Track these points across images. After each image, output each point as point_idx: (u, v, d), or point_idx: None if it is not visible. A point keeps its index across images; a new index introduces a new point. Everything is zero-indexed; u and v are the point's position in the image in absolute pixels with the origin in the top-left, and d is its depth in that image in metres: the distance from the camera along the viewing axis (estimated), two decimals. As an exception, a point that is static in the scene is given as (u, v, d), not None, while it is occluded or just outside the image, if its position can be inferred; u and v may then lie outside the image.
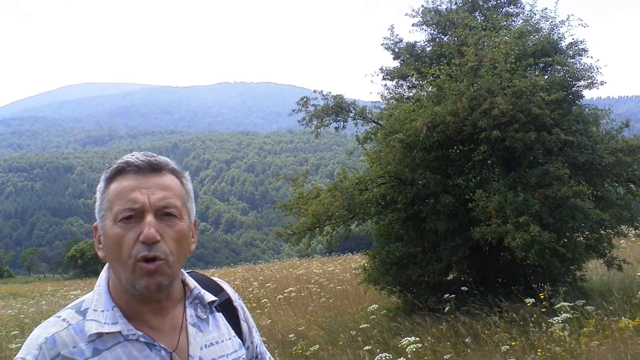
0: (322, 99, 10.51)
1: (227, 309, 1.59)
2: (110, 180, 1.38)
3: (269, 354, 1.76)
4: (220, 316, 1.55)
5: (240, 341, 1.56)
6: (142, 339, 1.34)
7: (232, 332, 1.55)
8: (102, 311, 1.35)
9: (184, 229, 1.38)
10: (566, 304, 6.72)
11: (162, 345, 1.36)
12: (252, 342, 1.65)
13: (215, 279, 1.66)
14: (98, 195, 1.40)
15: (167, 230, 1.34)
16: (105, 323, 1.33)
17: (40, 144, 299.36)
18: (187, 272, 1.54)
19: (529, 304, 7.37)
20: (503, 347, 6.24)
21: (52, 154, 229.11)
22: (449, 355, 6.40)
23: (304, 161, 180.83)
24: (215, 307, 1.55)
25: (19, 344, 9.09)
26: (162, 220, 1.33)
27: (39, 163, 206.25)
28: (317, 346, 7.61)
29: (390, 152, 9.49)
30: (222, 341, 1.50)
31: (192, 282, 1.51)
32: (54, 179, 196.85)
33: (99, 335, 1.32)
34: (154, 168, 1.38)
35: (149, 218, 1.31)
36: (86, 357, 1.29)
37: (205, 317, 1.50)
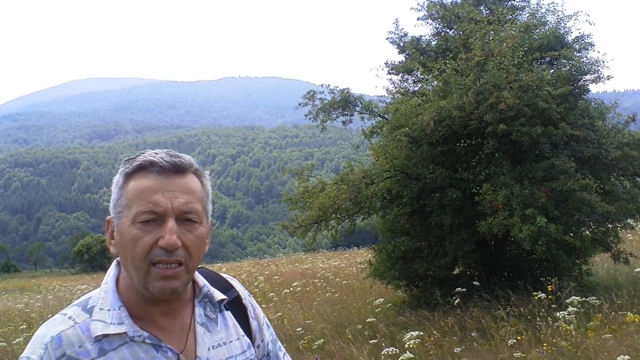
0: (329, 93, 10.52)
1: (236, 306, 1.55)
2: (129, 176, 1.33)
3: (283, 351, 1.71)
4: (229, 315, 1.51)
5: (249, 341, 1.52)
6: (148, 340, 1.31)
7: (241, 332, 1.51)
8: (109, 310, 1.32)
9: (203, 234, 1.36)
10: (577, 298, 6.71)
11: (169, 347, 1.34)
12: (262, 341, 1.60)
13: (224, 275, 1.62)
14: (115, 189, 1.35)
15: (187, 235, 1.31)
16: (111, 323, 1.30)
17: (46, 139, 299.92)
18: (196, 269, 1.49)
19: (536, 297, 7.37)
20: (510, 341, 6.25)
21: (58, 149, 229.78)
22: (455, 350, 6.42)
23: (309, 155, 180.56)
24: (224, 305, 1.51)
25: (25, 338, 9.16)
26: (182, 225, 1.30)
27: (45, 158, 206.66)
28: (324, 340, 7.64)
29: (396, 146, 9.49)
30: (231, 341, 1.46)
31: (201, 280, 1.48)
32: (60, 173, 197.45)
33: (105, 335, 1.29)
34: (178, 169, 1.33)
35: (171, 223, 1.28)
36: (92, 357, 1.26)
37: (215, 316, 1.47)
